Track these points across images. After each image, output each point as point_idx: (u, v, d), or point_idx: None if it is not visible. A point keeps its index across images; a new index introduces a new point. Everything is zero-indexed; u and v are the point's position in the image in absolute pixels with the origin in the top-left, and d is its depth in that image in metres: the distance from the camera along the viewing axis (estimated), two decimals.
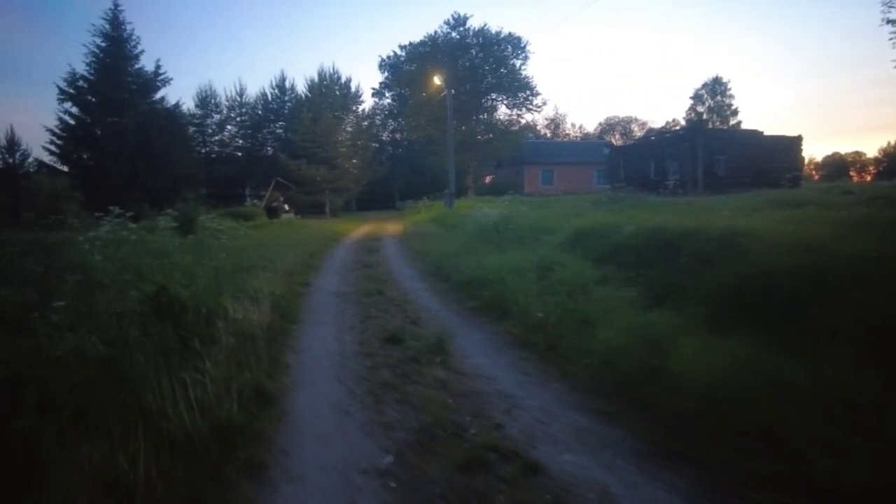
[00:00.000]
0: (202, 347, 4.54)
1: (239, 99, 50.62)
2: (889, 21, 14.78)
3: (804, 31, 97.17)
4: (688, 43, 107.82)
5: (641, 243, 7.00)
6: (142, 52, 31.25)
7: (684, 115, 70.37)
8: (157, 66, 31.95)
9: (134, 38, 30.87)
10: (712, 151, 23.75)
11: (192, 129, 44.84)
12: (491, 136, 43.24)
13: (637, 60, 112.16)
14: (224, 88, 66.68)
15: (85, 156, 29.72)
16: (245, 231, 15.18)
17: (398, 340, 5.77)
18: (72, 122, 29.23)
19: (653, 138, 32.49)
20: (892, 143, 77.25)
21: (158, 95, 32.53)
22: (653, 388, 3.88)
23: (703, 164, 23.20)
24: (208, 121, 48.92)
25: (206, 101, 48.62)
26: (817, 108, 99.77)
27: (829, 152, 77.62)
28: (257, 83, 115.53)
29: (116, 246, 8.53)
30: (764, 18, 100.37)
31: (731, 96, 66.92)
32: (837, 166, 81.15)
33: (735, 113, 66.31)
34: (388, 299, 8.08)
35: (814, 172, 74.57)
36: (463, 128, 39.84)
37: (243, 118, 50.85)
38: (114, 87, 29.45)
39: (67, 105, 29.17)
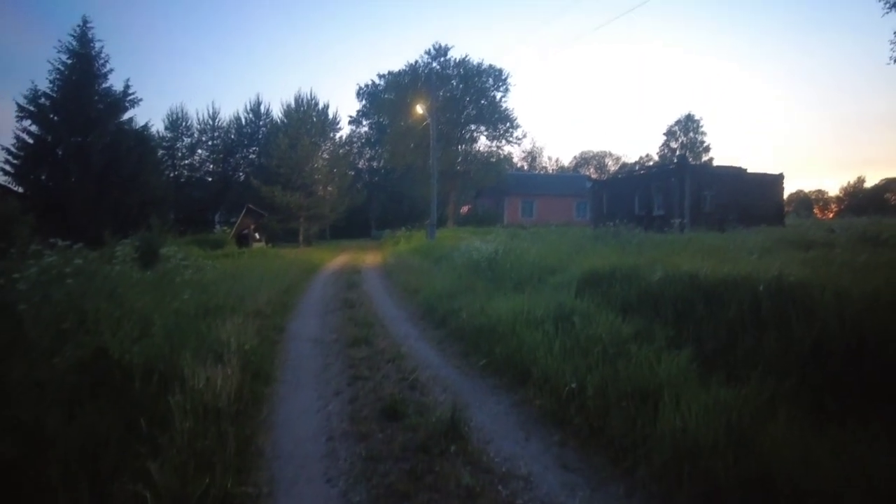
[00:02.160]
0: (144, 445, 3.37)
1: (211, 122, 49.24)
2: None
3: (764, 71, 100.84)
4: (660, 81, 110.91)
5: (677, 292, 6.06)
6: (110, 70, 29.83)
7: (658, 150, 71.63)
8: (127, 86, 30.46)
9: (103, 56, 29.49)
10: (699, 187, 23.40)
11: (161, 151, 43.23)
12: (470, 166, 42.70)
13: (611, 97, 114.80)
14: (196, 111, 65.27)
15: (43, 176, 27.94)
16: (213, 264, 13.95)
17: (398, 414, 4.65)
18: (31, 140, 27.52)
19: (640, 172, 32.23)
20: (852, 182, 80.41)
21: (127, 116, 30.95)
22: None
23: (690, 201, 22.78)
24: (178, 144, 47.29)
25: (176, 123, 47.09)
26: (781, 148, 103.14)
27: (793, 189, 80.00)
28: (231, 107, 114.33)
29: (60, 283, 7.29)
30: (731, 59, 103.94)
31: (703, 133, 68.42)
32: (803, 203, 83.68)
33: (707, 149, 67.66)
34: (377, 351, 6.95)
35: None
36: (440, 156, 39.25)
37: (215, 142, 49.36)
38: (79, 105, 27.89)
39: (27, 123, 27.53)
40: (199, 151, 48.83)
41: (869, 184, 76.89)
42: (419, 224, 35.23)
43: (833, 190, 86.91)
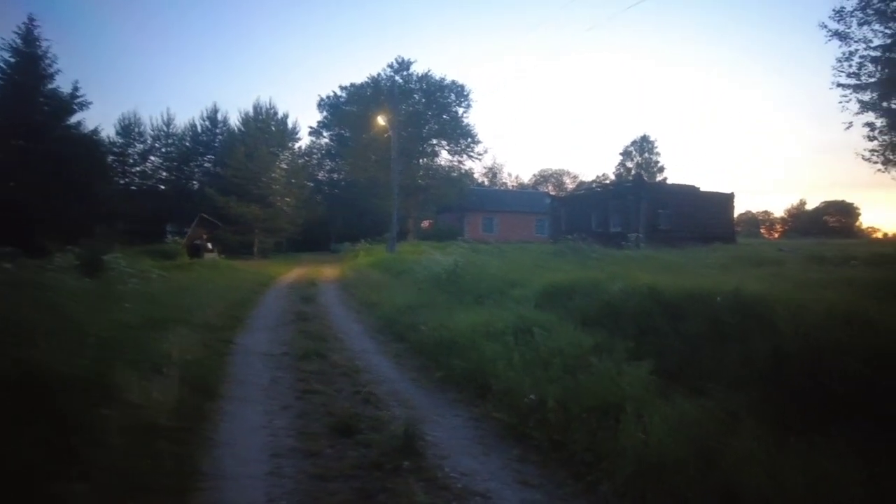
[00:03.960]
0: (69, 467, 3.04)
1: (166, 129, 47.46)
2: (840, 85, 15.34)
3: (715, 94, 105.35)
4: (616, 103, 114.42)
5: (637, 306, 6.04)
6: (58, 71, 28.52)
7: (614, 169, 73.37)
8: (75, 88, 29.15)
9: (50, 55, 28.17)
10: (655, 205, 23.99)
11: (111, 158, 41.54)
12: (432, 181, 42.82)
13: (569, 116, 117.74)
14: (150, 117, 62.81)
15: None
16: (161, 273, 13.35)
17: (350, 430, 4.39)
18: None
19: (598, 190, 32.90)
20: (795, 204, 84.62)
21: (74, 119, 29.69)
22: None
23: (646, 218, 23.30)
24: (130, 150, 45.48)
25: (128, 128, 45.22)
26: (729, 169, 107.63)
27: (742, 210, 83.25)
28: (187, 114, 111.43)
29: None
30: (684, 82, 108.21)
31: (657, 153, 70.53)
32: (751, 223, 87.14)
33: (661, 169, 69.71)
34: (331, 364, 6.66)
35: None
36: (402, 170, 39.22)
37: (170, 150, 47.70)
38: (23, 107, 26.60)
39: None
40: (152, 158, 47.04)
41: (810, 206, 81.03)
42: (380, 238, 34.87)
43: (778, 211, 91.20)
